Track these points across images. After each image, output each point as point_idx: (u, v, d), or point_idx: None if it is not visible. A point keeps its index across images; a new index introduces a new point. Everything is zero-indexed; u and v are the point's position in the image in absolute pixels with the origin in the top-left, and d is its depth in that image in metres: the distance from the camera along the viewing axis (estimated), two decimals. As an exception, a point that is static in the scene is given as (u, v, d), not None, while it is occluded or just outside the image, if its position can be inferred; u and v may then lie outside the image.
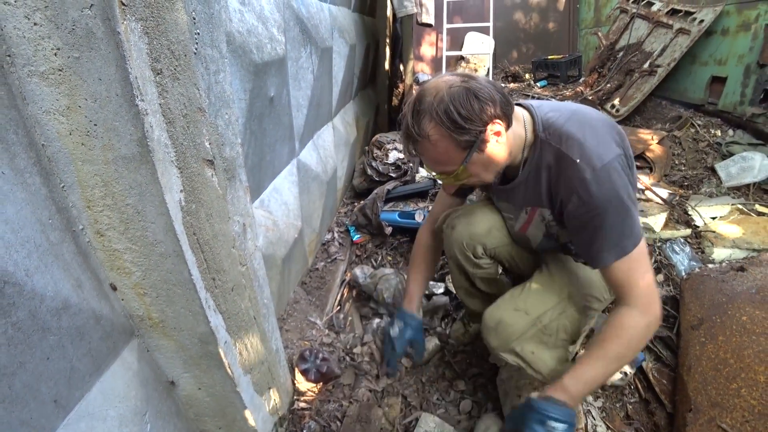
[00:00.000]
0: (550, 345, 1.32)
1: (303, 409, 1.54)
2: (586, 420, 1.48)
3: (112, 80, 0.57)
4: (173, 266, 0.73)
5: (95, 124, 0.59)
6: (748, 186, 3.01)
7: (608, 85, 4.68)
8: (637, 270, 1.10)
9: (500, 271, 1.62)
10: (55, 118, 0.59)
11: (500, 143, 1.09)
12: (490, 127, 1.05)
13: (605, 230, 1.06)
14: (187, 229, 0.72)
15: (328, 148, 2.37)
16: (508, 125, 1.10)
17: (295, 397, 1.56)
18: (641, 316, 1.10)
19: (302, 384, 1.59)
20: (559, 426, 1.06)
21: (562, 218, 1.19)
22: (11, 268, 0.52)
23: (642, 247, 1.10)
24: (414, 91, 4.08)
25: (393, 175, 2.75)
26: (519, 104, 1.23)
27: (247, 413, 1.13)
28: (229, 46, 1.06)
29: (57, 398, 0.67)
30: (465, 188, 1.56)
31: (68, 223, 0.65)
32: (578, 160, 1.04)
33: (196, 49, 0.71)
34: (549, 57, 6.48)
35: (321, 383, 1.61)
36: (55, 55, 0.56)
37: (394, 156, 2.78)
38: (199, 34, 0.73)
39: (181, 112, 0.67)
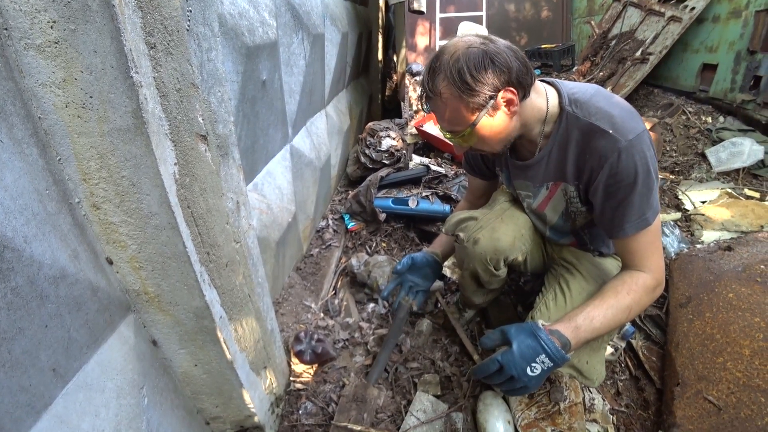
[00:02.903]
0: (596, 348, 1.33)
1: (299, 390, 1.57)
2: (583, 394, 1.51)
3: (108, 53, 0.58)
4: (168, 239, 0.75)
5: (91, 97, 0.60)
6: (737, 171, 3.06)
7: (601, 73, 4.70)
8: (654, 241, 1.14)
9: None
10: (51, 91, 0.61)
11: (512, 112, 1.10)
12: (501, 93, 1.06)
13: (632, 201, 1.09)
14: (182, 202, 0.74)
15: (321, 135, 2.38)
16: (524, 95, 1.11)
17: (291, 379, 1.58)
18: (653, 281, 1.14)
19: (298, 365, 1.61)
20: (546, 365, 1.05)
21: (587, 192, 1.20)
22: (10, 234, 0.54)
23: (659, 220, 1.13)
24: (407, 80, 4.07)
25: (386, 162, 2.76)
26: (543, 80, 1.23)
27: (243, 391, 1.15)
28: (221, 27, 1.07)
29: (56, 367, 0.69)
30: (489, 168, 1.57)
31: (65, 195, 0.67)
32: (611, 131, 1.06)
33: (188, 25, 0.73)
34: (542, 46, 6.48)
35: (316, 364, 1.63)
36: (51, 27, 0.57)
37: (387, 143, 2.79)
38: (191, 11, 0.75)
39: (174, 87, 0.68)
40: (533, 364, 1.05)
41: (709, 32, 3.88)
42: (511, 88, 1.06)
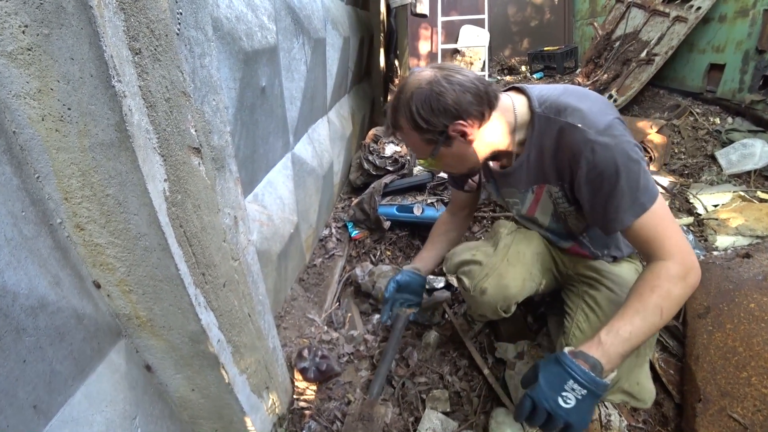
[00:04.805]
0: (640, 364, 1.25)
1: (303, 408, 1.50)
2: (600, 410, 1.45)
3: (86, 59, 0.52)
4: (159, 261, 0.69)
5: (69, 108, 0.55)
6: (749, 173, 2.98)
7: (605, 75, 4.64)
8: (662, 224, 1.05)
9: None
10: (25, 103, 0.55)
11: (468, 141, 1.14)
12: (452, 127, 1.10)
13: (619, 190, 1.03)
14: (173, 221, 0.68)
15: (323, 142, 2.32)
16: (481, 122, 1.13)
17: (294, 397, 1.52)
18: (678, 267, 1.01)
19: (302, 383, 1.55)
20: (579, 392, 0.95)
21: (573, 191, 1.16)
22: (-23, 264, 0.48)
23: (661, 202, 1.05)
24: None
25: (390, 168, 2.70)
26: (513, 87, 1.25)
27: (244, 414, 1.09)
28: (217, 32, 1.01)
29: (36, 404, 0.63)
30: (472, 181, 1.57)
31: (44, 216, 0.61)
32: (580, 125, 1.04)
33: (178, 29, 0.67)
34: (545, 48, 6.44)
35: (321, 382, 1.57)
36: (23, 33, 0.52)
37: (391, 149, 2.73)
38: (181, 14, 0.69)
39: (163, 96, 0.62)
40: (564, 393, 0.96)
41: (715, 32, 3.82)
42: (461, 122, 1.09)
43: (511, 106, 1.18)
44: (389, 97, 4.28)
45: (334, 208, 2.80)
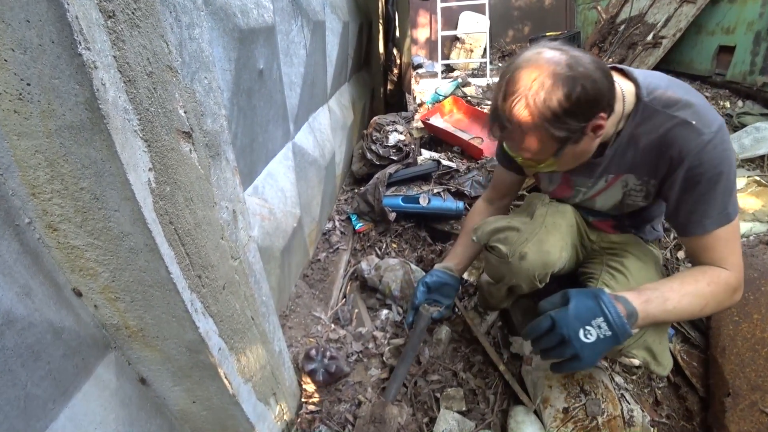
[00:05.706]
0: (661, 332, 1.24)
1: (312, 412, 1.42)
2: (621, 405, 1.38)
3: (44, 21, 0.42)
4: (147, 264, 0.59)
5: (28, 84, 0.45)
6: (762, 157, 2.89)
7: (610, 59, 4.53)
8: (734, 239, 1.04)
9: None
10: (-24, 79, 0.45)
11: (598, 135, 1.02)
12: (592, 122, 0.97)
13: (714, 196, 1.00)
14: (161, 218, 0.58)
15: (324, 131, 2.22)
16: (611, 113, 1.01)
17: (302, 400, 1.44)
18: (735, 281, 1.04)
19: (310, 385, 1.47)
20: (603, 332, 0.94)
21: (660, 187, 1.11)
22: None
23: (738, 218, 1.03)
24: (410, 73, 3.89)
25: (394, 158, 2.60)
26: (614, 68, 1.12)
27: (250, 425, 1.01)
28: (209, 6, 0.91)
29: (10, 433, 0.54)
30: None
31: (8, 216, 0.51)
32: (694, 122, 0.97)
33: (161, -8, 0.57)
34: (547, 34, 6.32)
35: (330, 383, 1.48)
36: (-33, -9, 0.42)
37: (394, 138, 2.63)
38: (165, -24, 0.59)
39: (144, 69, 0.53)
40: (588, 327, 0.95)
41: (725, 13, 3.70)
42: (602, 114, 0.96)
43: (621, 94, 1.05)
44: (389, 86, 4.17)
45: (337, 201, 2.71)
